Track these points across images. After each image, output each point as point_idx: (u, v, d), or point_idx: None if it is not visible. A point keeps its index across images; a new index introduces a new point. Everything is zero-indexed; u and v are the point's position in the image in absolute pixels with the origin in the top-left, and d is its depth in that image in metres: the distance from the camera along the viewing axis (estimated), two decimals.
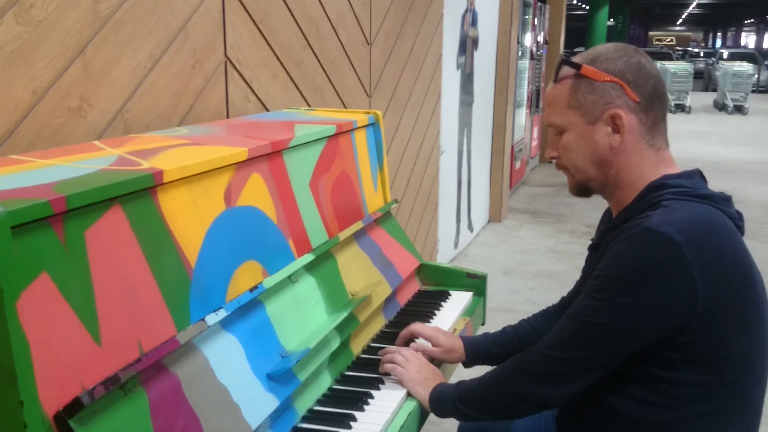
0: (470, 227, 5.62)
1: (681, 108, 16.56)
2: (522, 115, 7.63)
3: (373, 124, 2.21)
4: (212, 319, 1.28)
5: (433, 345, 1.70)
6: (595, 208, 6.80)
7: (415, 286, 2.19)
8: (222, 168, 1.44)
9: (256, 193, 1.56)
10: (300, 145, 1.75)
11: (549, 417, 1.63)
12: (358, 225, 1.94)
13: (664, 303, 1.21)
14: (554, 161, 1.44)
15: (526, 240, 5.73)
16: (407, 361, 1.58)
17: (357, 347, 1.75)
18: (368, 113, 2.21)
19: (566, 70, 1.38)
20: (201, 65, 1.97)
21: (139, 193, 1.20)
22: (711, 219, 1.26)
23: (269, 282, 1.48)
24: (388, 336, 1.84)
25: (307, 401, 1.49)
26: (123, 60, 1.68)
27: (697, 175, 1.38)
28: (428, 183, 4.19)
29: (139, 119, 1.73)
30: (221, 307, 1.32)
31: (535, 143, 8.88)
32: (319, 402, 1.51)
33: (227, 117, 2.12)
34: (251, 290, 1.42)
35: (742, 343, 1.26)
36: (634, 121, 1.33)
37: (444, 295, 2.13)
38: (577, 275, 5.81)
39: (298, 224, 1.71)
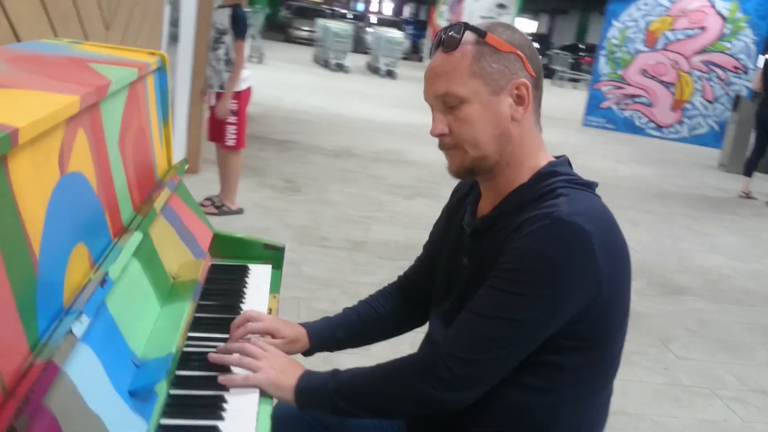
0: None
1: (340, 68, 17.41)
2: None
3: (160, 69, 1.88)
4: (78, 329, 0.97)
5: (275, 337, 1.50)
6: (288, 162, 6.84)
7: (207, 260, 1.94)
8: (57, 124, 1.09)
9: (82, 156, 1.23)
10: (113, 93, 1.41)
11: None
12: (166, 193, 1.64)
13: (577, 292, 1.21)
14: (440, 139, 1.34)
15: None
16: (258, 359, 1.36)
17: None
18: (154, 54, 1.86)
19: (467, 37, 1.29)
20: None
21: None
22: (604, 209, 1.30)
23: (113, 272, 1.17)
24: (203, 322, 1.58)
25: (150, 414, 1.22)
26: None
27: (566, 163, 1.40)
28: None
29: None
30: (81, 312, 1.00)
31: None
32: (166, 413, 1.24)
33: None
34: (101, 285, 1.10)
35: (622, 329, 1.33)
36: (530, 96, 1.30)
37: (243, 270, 1.91)
38: (286, 232, 5.73)
39: (111, 193, 1.39)
